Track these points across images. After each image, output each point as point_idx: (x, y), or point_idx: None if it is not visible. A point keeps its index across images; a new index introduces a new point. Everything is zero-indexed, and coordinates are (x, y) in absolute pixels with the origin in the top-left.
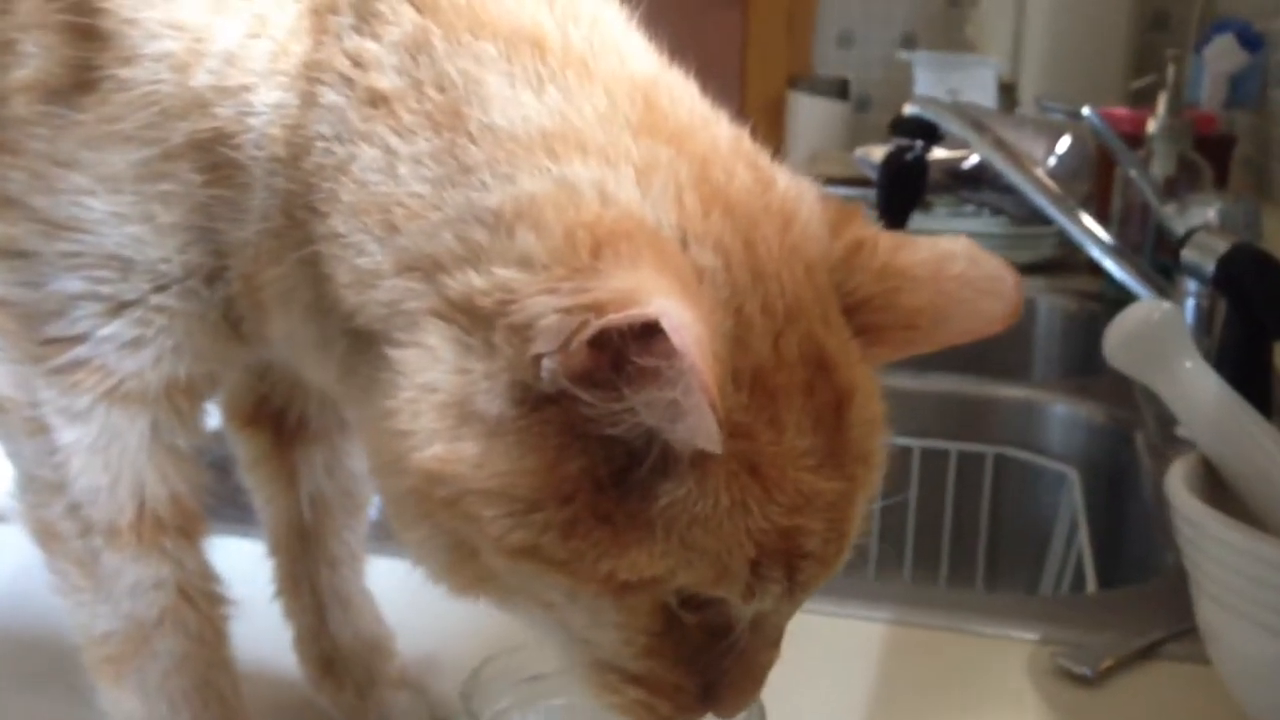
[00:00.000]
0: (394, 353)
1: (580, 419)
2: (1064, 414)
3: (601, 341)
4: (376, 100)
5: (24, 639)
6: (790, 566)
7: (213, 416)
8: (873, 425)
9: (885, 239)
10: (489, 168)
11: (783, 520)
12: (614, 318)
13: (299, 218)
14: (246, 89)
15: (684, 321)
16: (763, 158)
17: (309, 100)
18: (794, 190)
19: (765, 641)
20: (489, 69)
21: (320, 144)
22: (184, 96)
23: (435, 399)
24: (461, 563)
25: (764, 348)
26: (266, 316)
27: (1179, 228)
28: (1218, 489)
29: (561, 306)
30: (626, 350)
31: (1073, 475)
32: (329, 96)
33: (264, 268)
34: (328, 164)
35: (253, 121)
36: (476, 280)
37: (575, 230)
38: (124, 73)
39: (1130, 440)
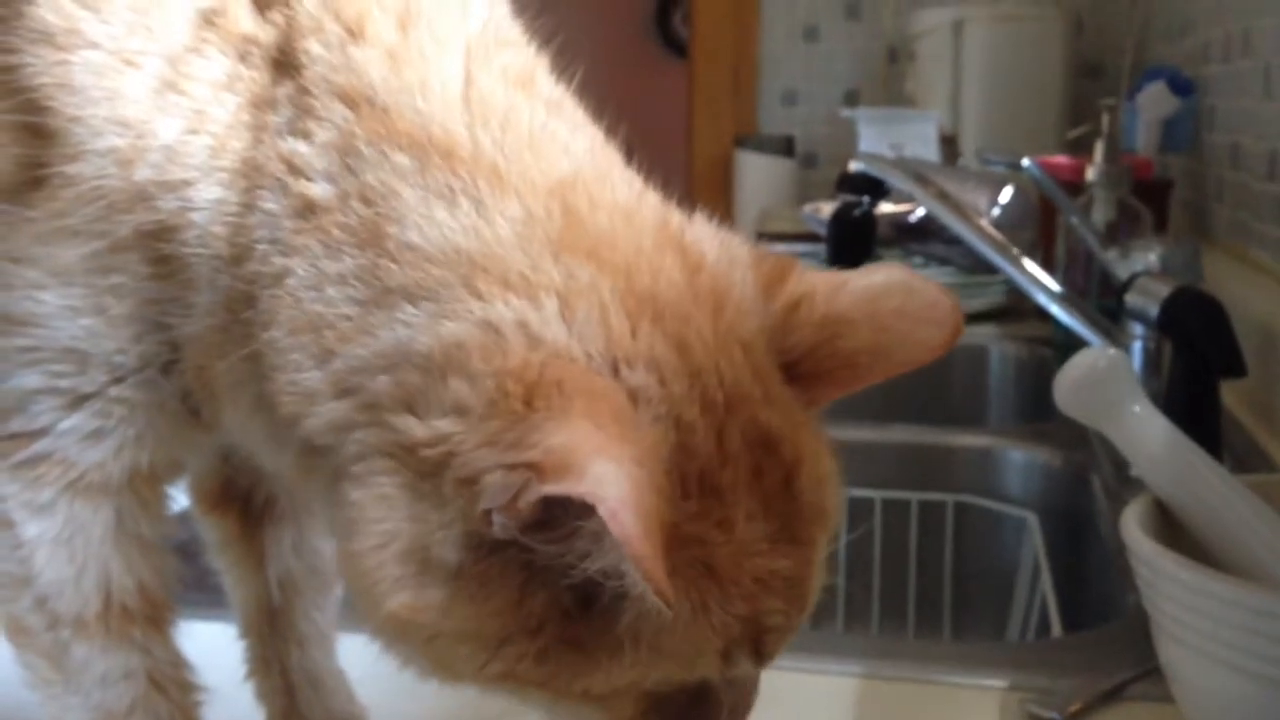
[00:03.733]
0: (353, 494)
1: (536, 559)
2: (1021, 460)
3: (546, 501)
4: (306, 210)
5: None
6: (757, 643)
7: (179, 499)
8: (824, 482)
9: (822, 286)
10: (409, 293)
11: (744, 609)
12: (551, 489)
13: (243, 316)
14: (187, 184)
15: (620, 494)
16: (691, 232)
17: (249, 202)
18: (724, 263)
19: (744, 690)
20: (404, 181)
21: (260, 248)
22: (128, 190)
23: (396, 548)
24: (442, 672)
25: (708, 448)
26: (220, 405)
27: (1122, 272)
28: (1172, 529)
29: (503, 463)
30: (568, 514)
31: (1032, 520)
32: (267, 202)
33: (213, 360)
34: (266, 272)
35: (195, 217)
36: (418, 430)
37: (505, 380)
38: (71, 169)
39: (1087, 483)
